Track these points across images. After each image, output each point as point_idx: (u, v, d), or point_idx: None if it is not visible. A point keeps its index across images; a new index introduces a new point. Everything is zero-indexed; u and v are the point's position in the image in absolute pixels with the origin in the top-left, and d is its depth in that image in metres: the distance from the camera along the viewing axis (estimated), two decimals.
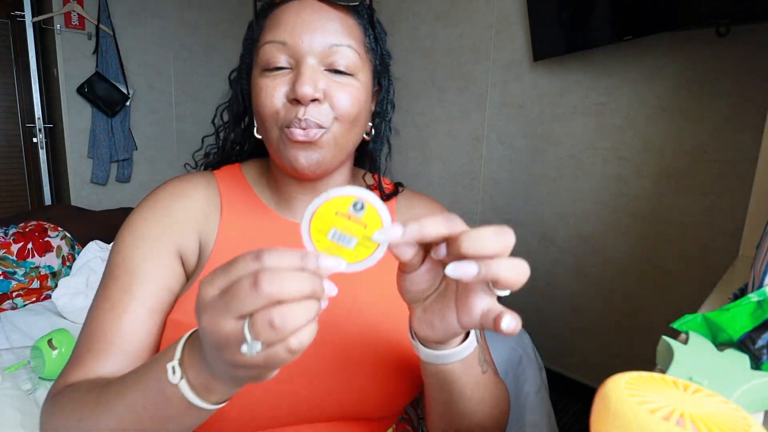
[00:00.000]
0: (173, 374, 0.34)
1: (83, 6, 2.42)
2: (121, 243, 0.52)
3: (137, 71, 2.65)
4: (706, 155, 1.50)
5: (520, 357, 1.41)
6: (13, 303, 1.55)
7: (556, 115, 1.87)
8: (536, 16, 1.79)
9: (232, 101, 0.60)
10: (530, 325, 1.86)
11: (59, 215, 1.90)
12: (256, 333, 0.27)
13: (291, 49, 0.49)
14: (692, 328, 0.46)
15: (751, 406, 0.36)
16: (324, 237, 0.32)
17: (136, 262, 0.51)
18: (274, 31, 0.50)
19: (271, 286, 0.26)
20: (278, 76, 0.49)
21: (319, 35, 0.49)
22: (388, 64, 0.59)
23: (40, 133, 2.56)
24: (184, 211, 0.54)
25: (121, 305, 0.49)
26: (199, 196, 0.55)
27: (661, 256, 1.63)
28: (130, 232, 0.53)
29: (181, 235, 0.53)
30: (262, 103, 0.49)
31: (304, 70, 0.48)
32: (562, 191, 1.88)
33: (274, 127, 0.50)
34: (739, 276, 0.77)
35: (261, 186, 0.59)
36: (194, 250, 0.54)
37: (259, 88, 0.50)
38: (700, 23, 1.36)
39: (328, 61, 0.49)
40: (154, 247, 0.51)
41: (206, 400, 0.34)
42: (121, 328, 0.48)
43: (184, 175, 0.59)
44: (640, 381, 0.26)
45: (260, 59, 0.50)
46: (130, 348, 0.48)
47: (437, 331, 0.38)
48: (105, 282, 0.51)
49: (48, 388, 1.10)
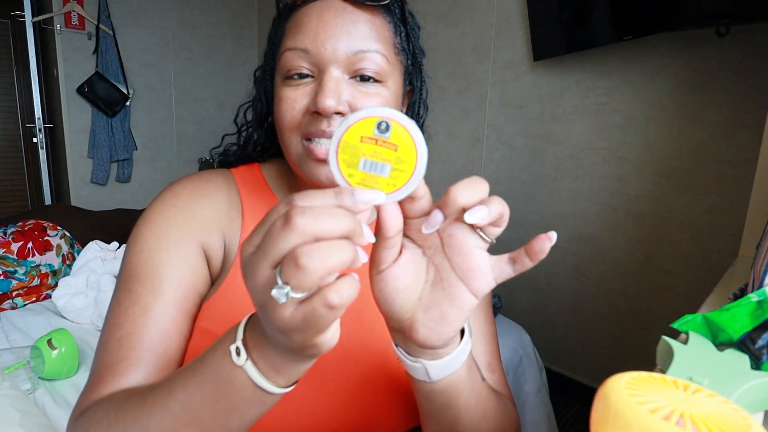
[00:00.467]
0: (237, 356, 0.31)
1: (83, 6, 2.43)
2: (142, 243, 0.49)
3: (137, 71, 2.65)
4: (706, 155, 1.50)
5: (520, 357, 1.41)
6: (13, 303, 1.55)
7: (556, 115, 1.87)
8: (536, 16, 1.79)
9: (255, 101, 0.57)
10: (530, 325, 1.86)
11: (59, 215, 1.90)
12: (283, 275, 0.25)
13: (314, 57, 0.46)
14: (692, 328, 0.46)
15: (751, 406, 0.36)
16: (355, 170, 0.29)
17: (163, 263, 0.47)
18: (295, 36, 0.47)
19: (302, 221, 0.25)
20: (300, 86, 0.47)
21: (343, 41, 0.45)
22: (421, 63, 0.54)
23: (40, 133, 2.56)
24: (208, 211, 0.51)
25: (154, 309, 0.46)
26: (221, 197, 0.52)
27: (661, 256, 1.63)
28: (152, 232, 0.49)
29: (206, 235, 0.50)
30: (283, 114, 0.47)
31: (327, 81, 0.45)
32: (562, 191, 1.88)
33: (294, 139, 0.48)
34: (739, 276, 0.77)
35: (282, 188, 0.56)
36: (219, 251, 0.51)
37: (280, 98, 0.48)
38: (700, 23, 1.36)
39: (353, 69, 0.46)
40: (180, 247, 0.48)
41: (273, 382, 0.31)
42: (157, 333, 0.45)
43: (202, 173, 0.55)
44: (640, 381, 0.26)
45: (281, 66, 0.48)
46: (167, 353, 0.45)
47: (450, 323, 0.34)
48: (129, 285, 0.47)
49: (48, 388, 1.10)
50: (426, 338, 0.35)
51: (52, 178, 2.71)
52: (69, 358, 1.11)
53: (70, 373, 1.13)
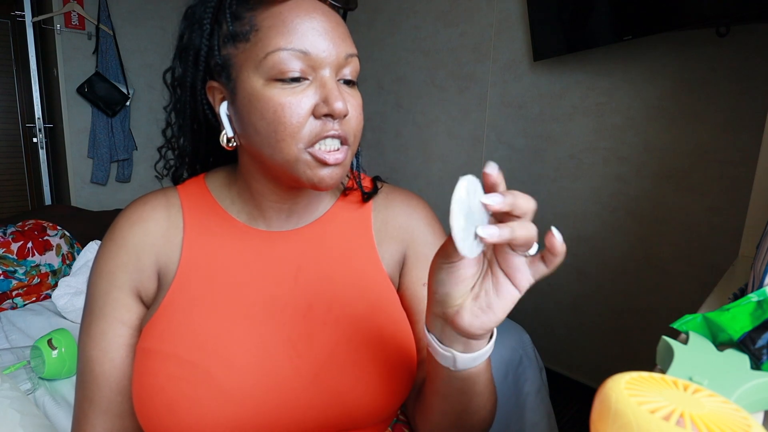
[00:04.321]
0: None
1: (83, 6, 2.43)
2: (90, 275, 0.53)
3: (137, 71, 2.65)
4: (706, 155, 1.50)
5: (520, 357, 1.41)
6: (12, 303, 1.55)
7: (555, 115, 1.87)
8: (536, 16, 1.79)
9: (183, 106, 0.53)
10: (530, 325, 1.86)
11: (59, 215, 1.90)
12: None
13: (312, 59, 0.45)
14: (692, 328, 0.46)
15: (751, 406, 0.36)
16: None
17: (94, 299, 0.52)
18: (286, 36, 0.44)
19: None
20: (297, 89, 0.45)
21: (338, 44, 0.46)
22: None
23: (40, 133, 2.56)
24: (141, 237, 0.52)
25: (87, 349, 0.51)
26: (158, 217, 0.53)
27: (661, 256, 1.63)
28: (93, 269, 0.53)
29: (136, 266, 0.52)
30: (284, 121, 0.44)
31: (332, 84, 0.45)
32: (562, 191, 1.88)
33: (293, 147, 0.45)
34: (739, 276, 0.77)
35: (228, 198, 0.55)
36: (152, 280, 0.52)
37: (277, 104, 0.44)
38: (700, 23, 1.36)
39: (341, 72, 0.47)
40: (108, 282, 0.51)
41: None
42: (92, 375, 0.51)
43: (144, 196, 0.56)
44: (640, 381, 0.26)
45: (270, 67, 0.44)
46: (108, 390, 0.51)
47: (495, 311, 0.36)
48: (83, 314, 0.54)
49: (48, 388, 1.10)
50: (470, 324, 0.37)
51: (52, 178, 2.71)
52: (69, 358, 1.11)
53: (71, 373, 1.13)
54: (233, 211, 0.55)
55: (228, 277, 0.51)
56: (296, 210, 0.55)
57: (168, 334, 0.48)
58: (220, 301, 0.50)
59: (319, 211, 0.57)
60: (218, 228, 0.54)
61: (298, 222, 0.55)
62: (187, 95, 0.52)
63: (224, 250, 0.53)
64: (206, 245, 0.53)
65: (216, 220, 0.54)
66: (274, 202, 0.53)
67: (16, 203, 3.53)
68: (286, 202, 0.53)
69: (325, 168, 0.46)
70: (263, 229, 0.54)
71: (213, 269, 0.52)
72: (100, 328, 0.51)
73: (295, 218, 0.55)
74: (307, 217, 0.56)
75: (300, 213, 0.55)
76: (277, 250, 0.54)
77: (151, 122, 2.77)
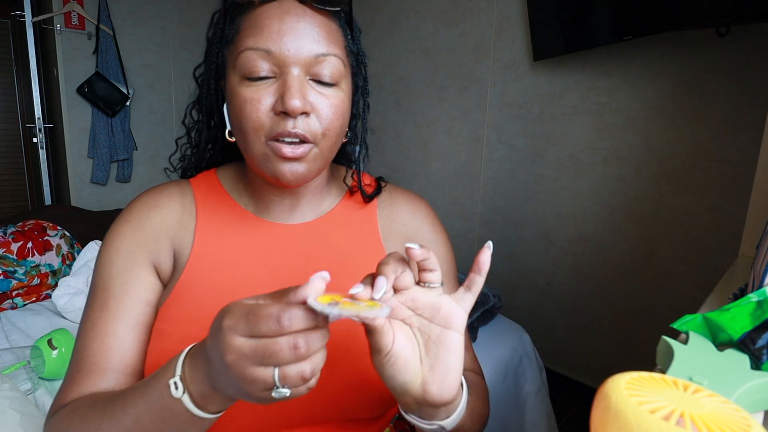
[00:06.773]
0: (176, 389, 0.37)
1: (83, 6, 2.42)
2: (99, 259, 0.53)
3: (137, 71, 2.65)
4: (706, 155, 1.50)
5: (520, 357, 1.41)
6: (12, 303, 1.55)
7: (555, 115, 1.87)
8: (536, 16, 1.79)
9: (201, 100, 0.57)
10: (530, 325, 1.86)
11: (59, 215, 1.90)
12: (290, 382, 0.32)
13: (276, 58, 0.46)
14: (692, 328, 0.46)
15: (751, 406, 0.36)
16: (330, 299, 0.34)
17: (112, 277, 0.52)
18: (255, 36, 0.46)
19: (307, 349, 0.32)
20: (261, 87, 0.47)
21: (305, 43, 0.46)
22: (364, 63, 0.56)
23: (40, 133, 2.55)
24: (158, 221, 0.54)
25: (101, 323, 0.50)
26: (174, 205, 0.55)
27: (661, 256, 1.63)
28: (106, 248, 0.53)
29: (154, 247, 0.53)
30: (247, 116, 0.47)
31: (293, 82, 0.46)
32: (562, 191, 1.88)
33: (257, 141, 0.48)
34: (739, 276, 0.77)
35: (238, 191, 0.58)
36: (168, 260, 0.54)
37: (242, 100, 0.47)
38: (700, 23, 1.36)
39: (313, 71, 0.47)
40: (127, 260, 0.52)
41: (207, 411, 0.38)
42: (103, 347, 0.49)
43: (160, 185, 0.58)
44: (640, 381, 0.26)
45: (240, 66, 0.47)
46: (116, 365, 0.49)
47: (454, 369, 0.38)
48: (87, 299, 0.53)
49: (48, 388, 1.10)
50: (440, 395, 0.38)
51: (52, 178, 2.71)
52: (69, 358, 1.11)
53: None
54: (243, 203, 0.57)
55: (238, 264, 0.53)
56: (299, 205, 0.56)
57: (181, 317, 0.50)
58: (231, 287, 0.52)
59: (324, 207, 0.59)
60: (229, 218, 0.56)
61: (303, 217, 0.57)
62: (204, 92, 0.56)
63: (235, 239, 0.54)
64: (218, 234, 0.55)
65: (227, 211, 0.56)
66: (276, 195, 0.55)
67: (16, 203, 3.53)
68: (286, 197, 0.55)
69: (285, 163, 0.48)
70: (269, 221, 0.56)
71: (224, 257, 0.53)
72: (123, 306, 0.51)
73: (299, 213, 0.57)
74: (311, 212, 0.58)
75: (303, 208, 0.57)
76: (286, 242, 0.55)
77: (151, 122, 2.77)
